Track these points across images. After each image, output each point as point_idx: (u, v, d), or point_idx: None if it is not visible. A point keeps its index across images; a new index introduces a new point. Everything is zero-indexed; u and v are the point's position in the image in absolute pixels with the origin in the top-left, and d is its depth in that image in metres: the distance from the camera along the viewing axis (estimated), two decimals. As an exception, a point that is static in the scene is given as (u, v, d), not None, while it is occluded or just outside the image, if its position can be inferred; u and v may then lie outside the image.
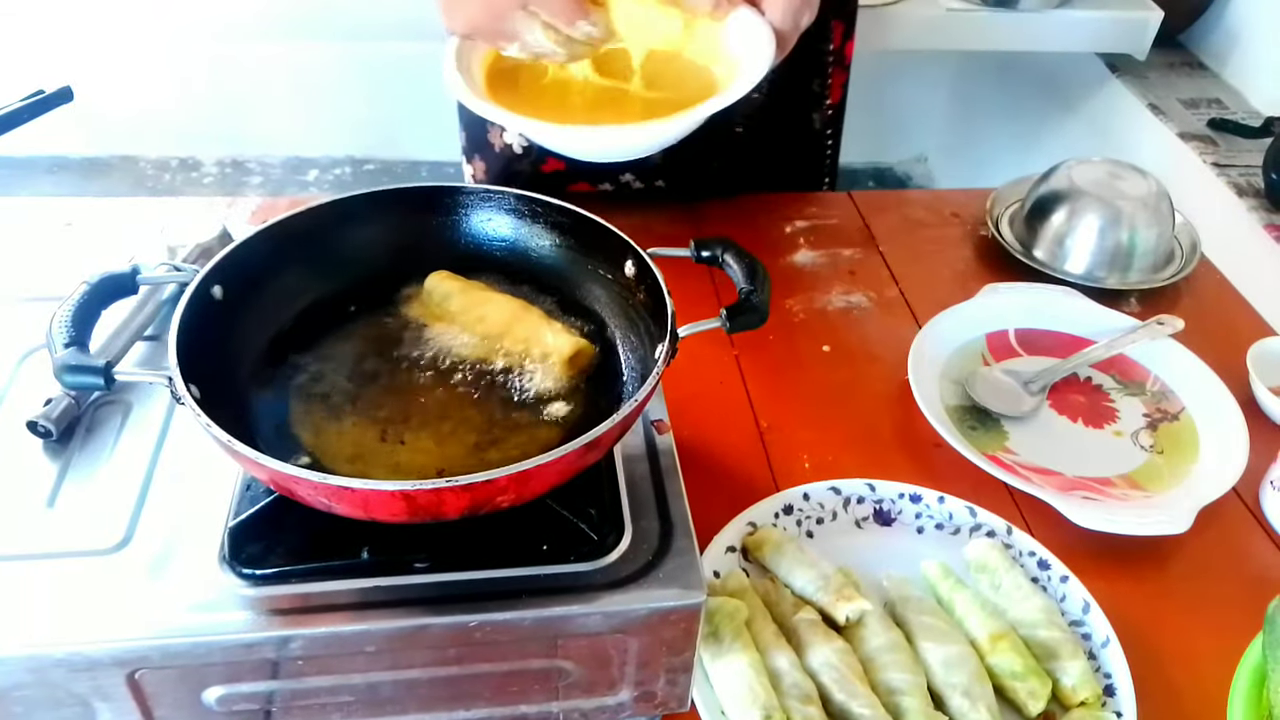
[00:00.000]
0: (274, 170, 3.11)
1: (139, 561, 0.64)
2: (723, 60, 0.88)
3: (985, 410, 1.03)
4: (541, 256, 0.79)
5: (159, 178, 3.06)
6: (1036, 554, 0.87)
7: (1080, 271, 1.20)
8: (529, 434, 0.69)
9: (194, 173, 3.09)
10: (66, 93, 1.26)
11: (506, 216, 0.79)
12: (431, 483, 0.55)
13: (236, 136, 3.09)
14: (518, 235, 0.79)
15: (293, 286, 0.74)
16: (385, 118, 3.07)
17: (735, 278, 0.70)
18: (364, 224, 0.77)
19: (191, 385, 0.60)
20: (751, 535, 0.86)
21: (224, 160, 3.13)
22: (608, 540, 0.65)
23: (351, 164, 3.14)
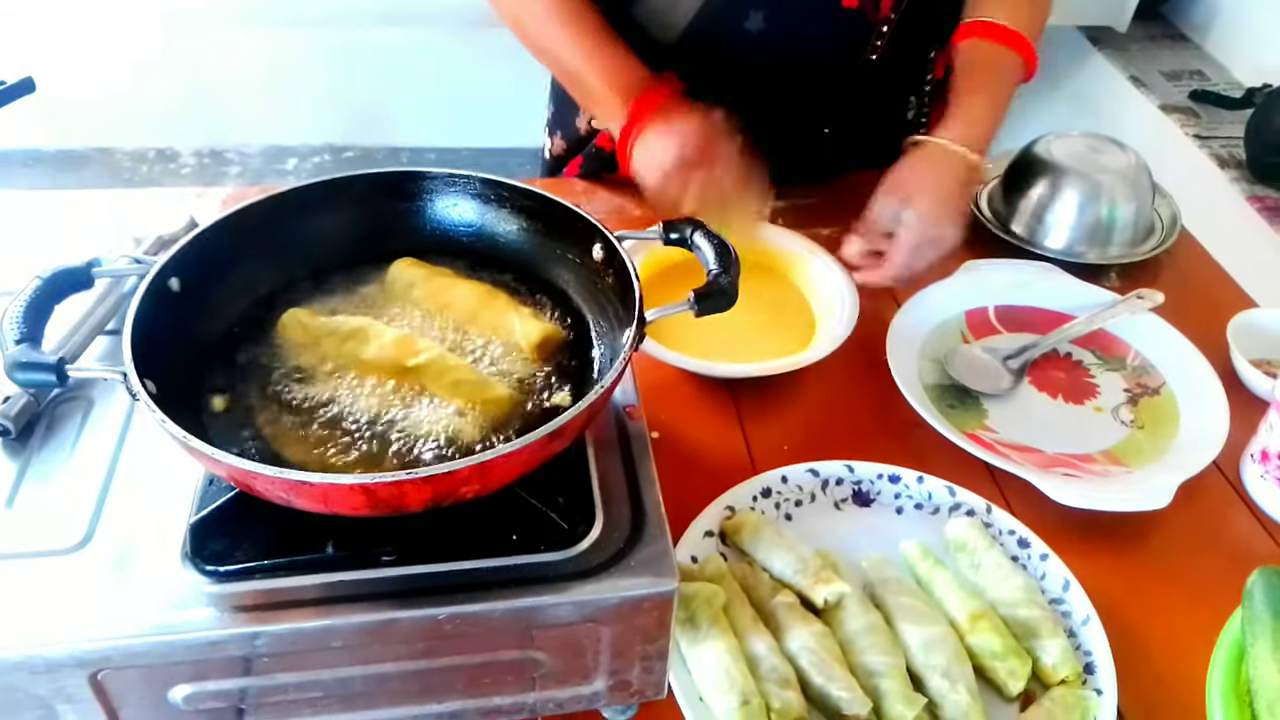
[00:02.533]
0: (252, 160, 3.08)
1: (100, 561, 0.62)
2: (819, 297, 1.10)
3: (964, 388, 1.02)
4: (508, 241, 0.78)
5: (136, 169, 3.03)
6: (1016, 532, 0.86)
7: (1060, 246, 1.19)
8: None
9: (171, 164, 3.06)
10: (28, 83, 1.24)
11: (472, 201, 0.78)
12: (392, 475, 0.54)
13: (214, 126, 3.06)
14: (484, 220, 0.78)
15: (253, 276, 0.73)
16: (364, 104, 3.05)
17: (704, 260, 0.68)
18: (325, 211, 0.76)
19: (147, 381, 0.59)
20: (729, 519, 0.85)
21: (202, 150, 3.10)
22: (578, 529, 0.64)
23: (331, 151, 3.11)
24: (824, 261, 1.10)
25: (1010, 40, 1.09)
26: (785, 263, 1.13)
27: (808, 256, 1.11)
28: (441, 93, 2.99)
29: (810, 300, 1.10)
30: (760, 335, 1.03)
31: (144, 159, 3.06)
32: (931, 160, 1.03)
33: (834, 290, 1.07)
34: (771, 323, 1.06)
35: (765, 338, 1.03)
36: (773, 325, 1.05)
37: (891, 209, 1.02)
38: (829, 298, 1.06)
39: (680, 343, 1.00)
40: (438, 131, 3.07)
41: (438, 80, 2.99)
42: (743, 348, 1.02)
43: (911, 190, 1.01)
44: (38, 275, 0.63)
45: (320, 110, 3.05)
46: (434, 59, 2.94)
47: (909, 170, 1.04)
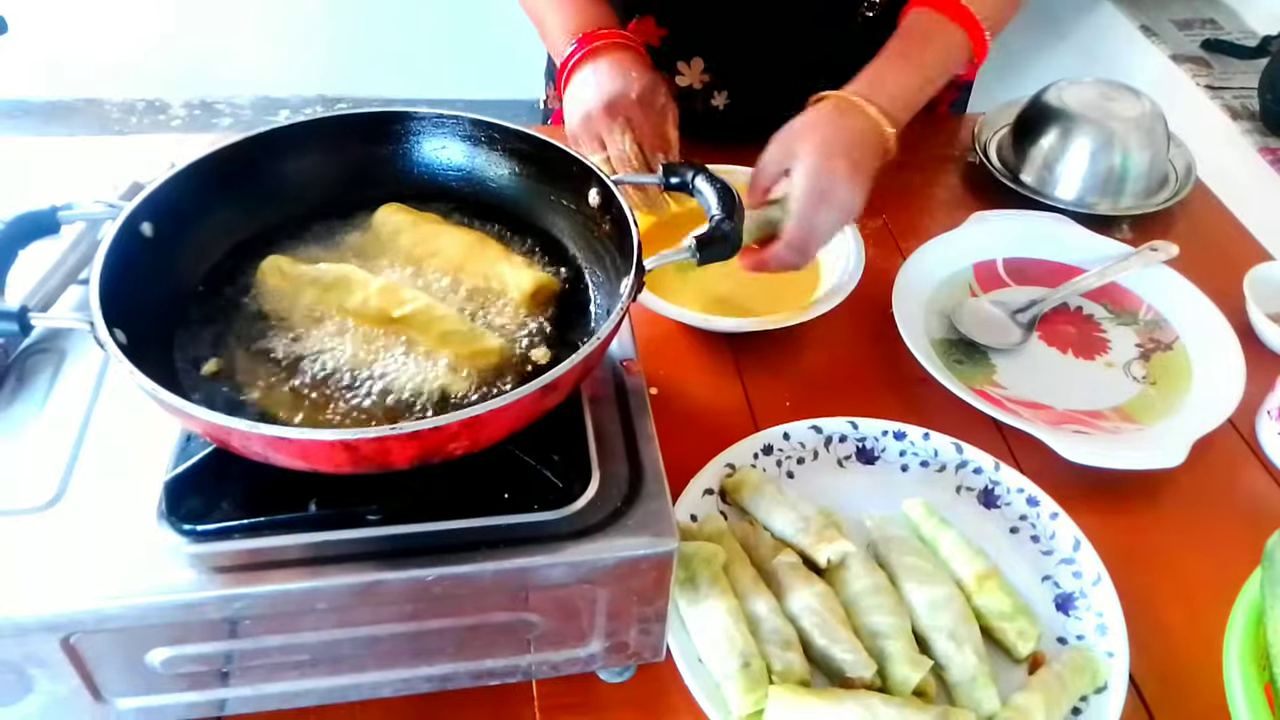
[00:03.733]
0: (244, 111, 3.02)
1: (71, 520, 0.59)
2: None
3: (972, 343, 0.99)
4: (500, 186, 0.74)
5: (125, 120, 2.97)
6: (1025, 490, 0.83)
7: (1071, 197, 1.16)
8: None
9: (161, 115, 3.00)
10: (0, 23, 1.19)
11: (461, 143, 0.74)
12: (375, 431, 0.51)
13: (205, 77, 2.99)
14: (473, 163, 0.74)
15: (230, 222, 0.70)
16: (357, 55, 2.98)
17: (705, 204, 0.65)
18: (307, 153, 0.72)
19: (116, 330, 0.56)
20: (730, 477, 0.83)
21: (192, 102, 3.04)
22: (573, 487, 0.62)
23: (323, 103, 3.05)
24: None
25: (960, 17, 0.97)
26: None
27: None
28: (436, 43, 2.93)
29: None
30: (762, 287, 0.99)
31: (133, 110, 3.00)
32: (828, 113, 0.90)
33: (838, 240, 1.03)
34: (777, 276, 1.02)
35: (767, 290, 1.00)
36: (774, 276, 1.01)
37: (775, 163, 0.90)
38: (833, 247, 1.03)
39: (679, 295, 0.97)
40: (432, 82, 3.00)
41: (432, 30, 2.93)
42: (744, 300, 0.99)
43: (796, 145, 0.88)
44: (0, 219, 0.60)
45: (312, 61, 2.98)
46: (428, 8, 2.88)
47: (801, 123, 0.91)
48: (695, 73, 1.18)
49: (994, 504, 0.84)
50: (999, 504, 0.84)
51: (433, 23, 2.90)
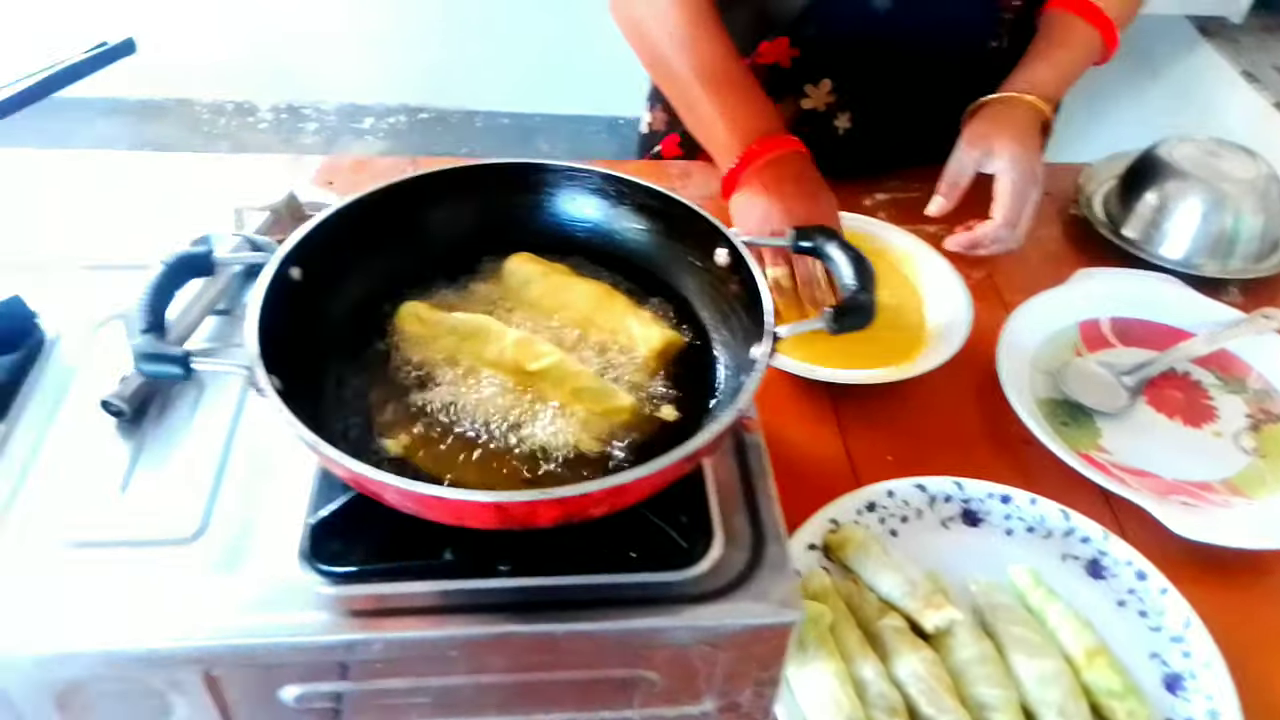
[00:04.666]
0: (329, 118, 3.08)
1: (215, 553, 0.62)
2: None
3: (1078, 405, 0.98)
4: (626, 239, 0.75)
5: (214, 122, 3.04)
6: (1133, 563, 0.82)
7: (1177, 257, 1.14)
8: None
9: (249, 118, 3.07)
10: (129, 44, 1.22)
11: (591, 197, 0.75)
12: (525, 494, 0.52)
13: (292, 82, 3.06)
14: (603, 216, 0.75)
15: (369, 266, 0.71)
16: (440, 65, 3.03)
17: (839, 273, 0.65)
18: (442, 201, 0.74)
19: (273, 376, 0.58)
20: (834, 533, 0.83)
21: (279, 106, 3.11)
22: (697, 548, 0.62)
23: (406, 112, 3.10)
24: (935, 260, 1.06)
25: (1091, 16, 1.09)
26: (896, 255, 1.09)
27: (918, 252, 1.07)
28: (522, 56, 2.96)
29: (922, 298, 1.06)
30: (867, 335, 0.99)
31: (222, 112, 3.08)
32: (1006, 109, 1.05)
33: (946, 290, 1.03)
34: (879, 321, 1.03)
35: (872, 338, 0.99)
36: (880, 324, 1.01)
37: (974, 160, 1.03)
38: (941, 297, 1.03)
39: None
40: (515, 96, 3.04)
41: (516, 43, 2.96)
42: (848, 349, 0.99)
43: (992, 137, 1.03)
44: (161, 260, 0.62)
45: (398, 70, 3.04)
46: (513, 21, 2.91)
47: (987, 122, 1.05)
48: (821, 94, 1.19)
49: (1101, 575, 0.83)
50: (1106, 575, 0.83)
51: (519, 36, 2.94)
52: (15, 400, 0.71)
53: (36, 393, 0.71)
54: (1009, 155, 1.01)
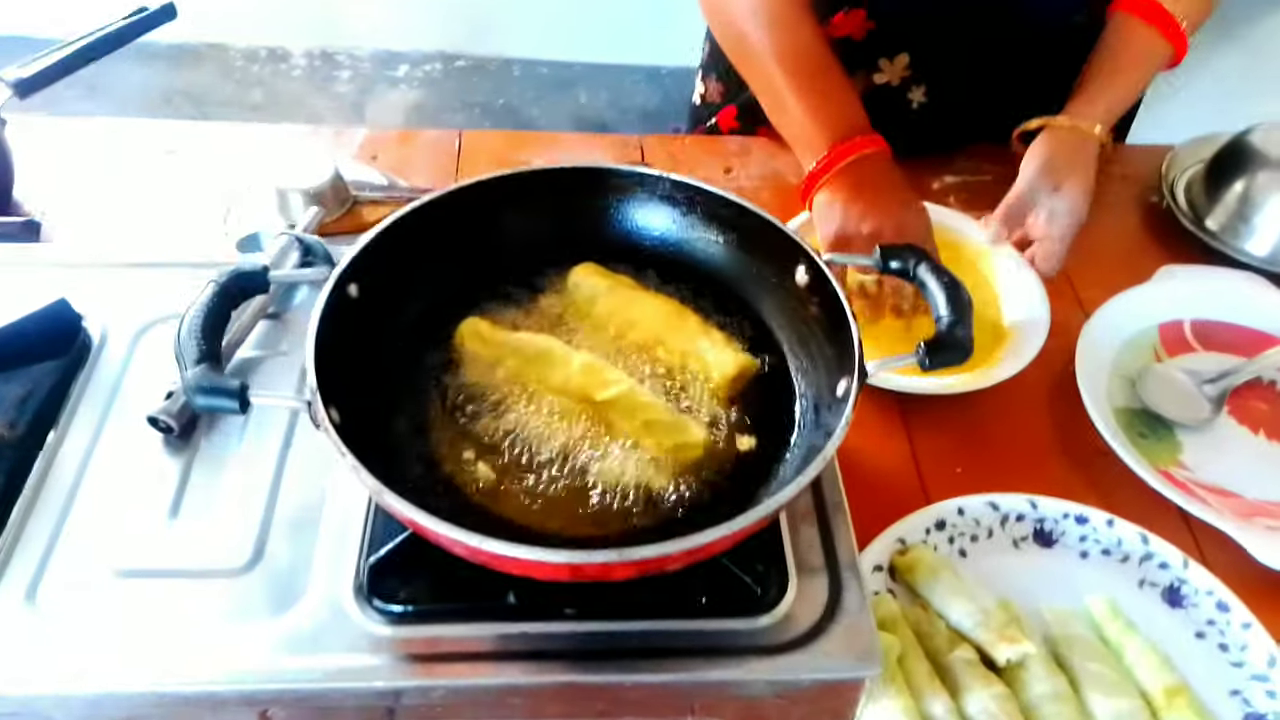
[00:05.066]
0: (363, 64, 3.01)
1: (268, 586, 0.59)
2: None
3: (1157, 415, 0.93)
4: (697, 251, 0.71)
5: (247, 69, 2.99)
6: (1214, 593, 0.78)
7: (1263, 253, 1.07)
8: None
9: (283, 64, 3.01)
10: (170, 9, 1.19)
11: (662, 204, 0.71)
12: (601, 555, 0.49)
13: (326, 27, 2.99)
14: (674, 226, 0.71)
15: (429, 278, 0.68)
16: (478, 11, 2.94)
17: (932, 301, 0.61)
18: (503, 208, 0.70)
19: (332, 409, 0.55)
20: (902, 555, 0.79)
21: (312, 51, 3.04)
22: (771, 594, 0.59)
23: (442, 59, 3.02)
24: (1010, 253, 1.02)
25: (1165, 26, 1.04)
26: (972, 250, 1.04)
27: (993, 251, 1.02)
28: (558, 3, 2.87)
29: (998, 294, 1.01)
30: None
31: (255, 58, 3.02)
32: (1077, 147, 1.02)
33: (1023, 286, 0.98)
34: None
35: None
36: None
37: (1044, 195, 1.01)
38: (1017, 294, 0.98)
39: None
40: (553, 44, 2.96)
41: (555, -12, 2.87)
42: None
43: (1063, 178, 1.00)
44: (213, 280, 0.59)
45: (433, 16, 2.95)
46: (552, -34, 2.82)
47: (1061, 154, 1.01)
48: (897, 69, 1.14)
49: (1180, 604, 0.79)
50: (1185, 604, 0.79)
51: (556, -18, 2.85)
52: (64, 409, 0.68)
53: (84, 402, 0.69)
54: (1072, 199, 1.00)
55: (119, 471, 0.65)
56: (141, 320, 0.74)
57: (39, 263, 0.78)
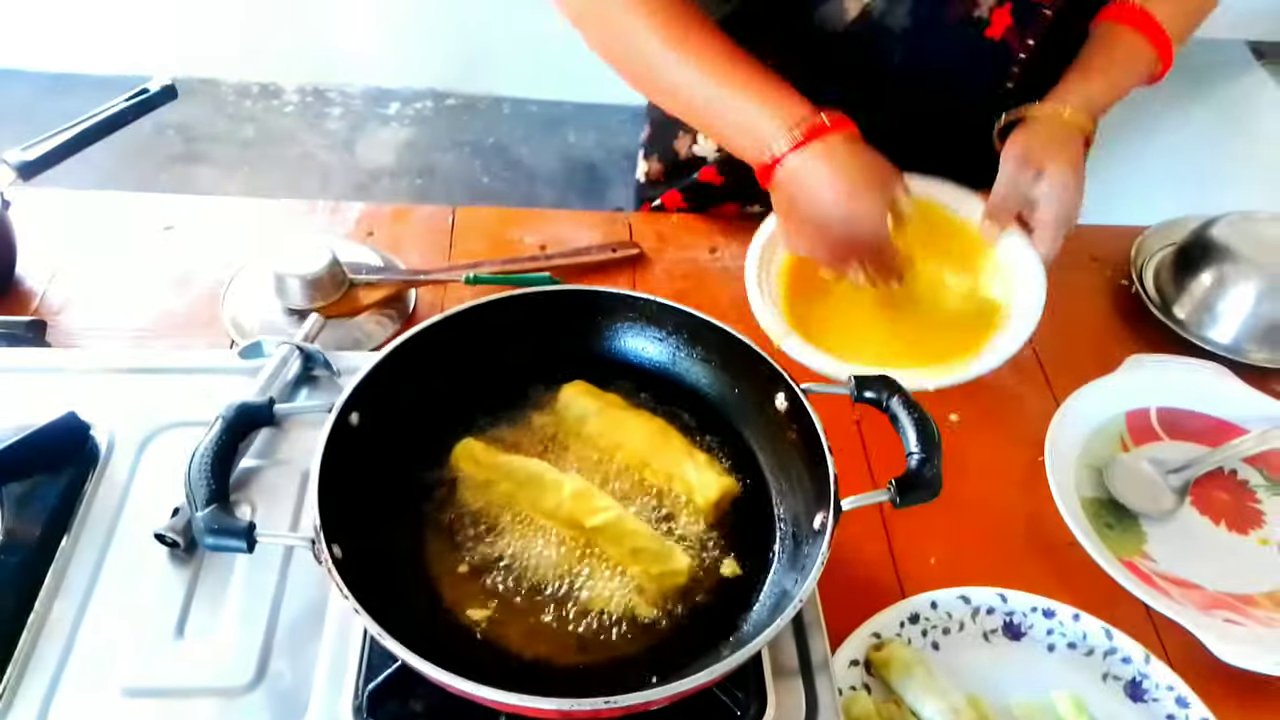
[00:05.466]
0: (354, 101, 3.05)
1: (271, 706, 0.62)
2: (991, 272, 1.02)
3: (1123, 505, 0.97)
4: (686, 372, 0.75)
5: (239, 104, 3.01)
6: (1174, 689, 0.82)
7: (1226, 342, 1.11)
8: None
9: (274, 100, 3.04)
10: (171, 90, 1.21)
11: (649, 326, 0.74)
12: (590, 703, 0.52)
13: (318, 64, 3.02)
14: (661, 347, 0.75)
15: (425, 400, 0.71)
16: (468, 50, 2.98)
17: (903, 436, 0.64)
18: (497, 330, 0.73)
19: (334, 546, 0.58)
20: (878, 650, 0.83)
21: (305, 88, 3.07)
22: (750, 714, 0.62)
23: (433, 97, 3.06)
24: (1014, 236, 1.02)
25: (1147, 28, 1.04)
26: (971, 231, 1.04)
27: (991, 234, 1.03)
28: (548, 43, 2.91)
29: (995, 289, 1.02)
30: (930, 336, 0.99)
31: (248, 94, 3.05)
32: (1055, 129, 0.99)
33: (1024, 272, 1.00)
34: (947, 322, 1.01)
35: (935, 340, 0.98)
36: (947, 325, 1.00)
37: (1026, 182, 0.98)
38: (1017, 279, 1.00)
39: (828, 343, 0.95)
40: (543, 83, 3.00)
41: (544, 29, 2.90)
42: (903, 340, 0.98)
43: (1044, 162, 0.97)
44: (220, 416, 0.62)
45: (424, 55, 2.99)
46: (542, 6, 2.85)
47: (1037, 140, 0.99)
48: None
49: (1141, 698, 0.83)
50: (1146, 698, 0.83)
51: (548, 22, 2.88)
52: (74, 518, 0.71)
53: (92, 512, 0.72)
54: (1059, 183, 0.97)
55: (126, 586, 0.68)
56: (147, 429, 0.76)
57: (45, 368, 0.80)
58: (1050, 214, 0.97)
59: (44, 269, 1.09)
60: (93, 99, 1.16)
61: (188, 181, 2.82)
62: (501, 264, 1.12)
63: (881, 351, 0.95)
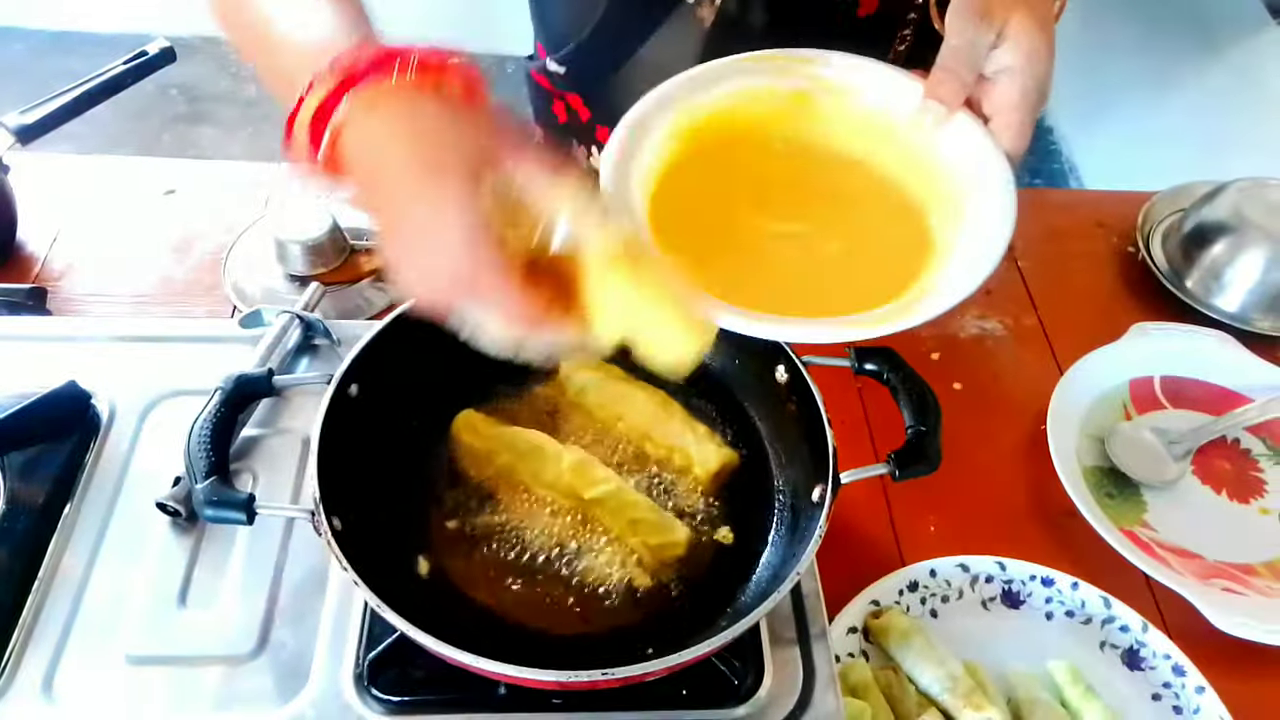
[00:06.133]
0: (357, 59, 3.01)
1: (274, 674, 0.63)
2: (937, 185, 0.67)
3: (1125, 475, 0.97)
4: (684, 341, 0.74)
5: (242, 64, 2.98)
6: (1171, 657, 0.83)
7: (1233, 310, 1.11)
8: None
9: (276, 58, 3.01)
10: (170, 53, 1.20)
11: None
12: (587, 674, 0.53)
13: (319, 21, 2.98)
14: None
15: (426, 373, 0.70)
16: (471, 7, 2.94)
17: (902, 407, 0.64)
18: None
19: (334, 518, 0.58)
20: (876, 618, 0.83)
21: (306, 45, 3.03)
22: (747, 684, 0.63)
23: (436, 56, 3.02)
24: (969, 130, 0.66)
25: None
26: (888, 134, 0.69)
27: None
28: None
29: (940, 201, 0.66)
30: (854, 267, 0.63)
31: (249, 51, 3.01)
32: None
33: (983, 172, 0.65)
34: (856, 253, 0.65)
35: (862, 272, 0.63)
36: (858, 257, 0.64)
37: (983, 45, 0.67)
38: (970, 186, 0.65)
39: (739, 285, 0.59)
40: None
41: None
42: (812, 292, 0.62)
43: (1006, 18, 0.67)
44: (219, 387, 0.62)
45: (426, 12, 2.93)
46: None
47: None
48: None
49: (1138, 666, 0.84)
50: (1143, 667, 0.83)
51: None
52: (76, 486, 0.71)
53: (95, 480, 0.72)
54: (1026, 50, 0.66)
55: (129, 554, 0.68)
56: (148, 397, 0.77)
57: (46, 337, 0.80)
58: (1016, 91, 0.68)
59: (45, 235, 1.08)
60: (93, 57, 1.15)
61: (190, 142, 2.80)
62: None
63: (790, 292, 0.62)
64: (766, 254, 0.62)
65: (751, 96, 0.67)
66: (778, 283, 0.61)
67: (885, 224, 0.66)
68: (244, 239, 1.09)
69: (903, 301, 0.59)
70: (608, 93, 1.06)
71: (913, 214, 0.66)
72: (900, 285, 0.61)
